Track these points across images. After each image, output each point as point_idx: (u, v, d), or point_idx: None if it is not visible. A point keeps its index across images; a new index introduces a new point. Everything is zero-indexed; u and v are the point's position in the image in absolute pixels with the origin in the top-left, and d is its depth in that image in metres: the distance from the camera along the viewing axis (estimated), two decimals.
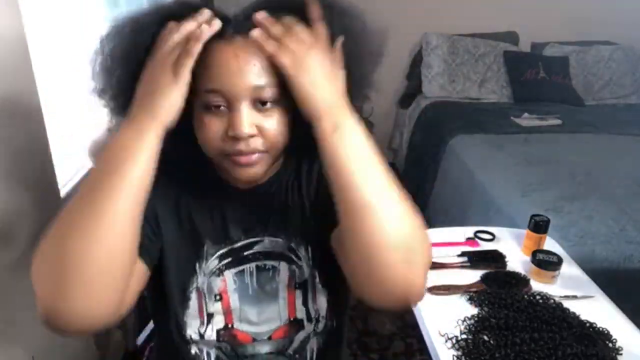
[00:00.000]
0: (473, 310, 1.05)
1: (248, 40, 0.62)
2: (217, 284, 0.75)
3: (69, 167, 1.41)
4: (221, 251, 0.75)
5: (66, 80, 1.32)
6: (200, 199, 0.76)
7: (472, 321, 1.01)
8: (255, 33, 0.61)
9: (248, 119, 0.63)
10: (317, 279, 0.78)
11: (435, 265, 1.19)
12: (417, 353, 1.93)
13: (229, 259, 0.76)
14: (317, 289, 0.78)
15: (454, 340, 0.96)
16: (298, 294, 0.77)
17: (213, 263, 0.75)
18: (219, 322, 0.76)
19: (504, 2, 3.24)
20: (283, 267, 0.77)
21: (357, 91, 0.72)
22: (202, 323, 0.75)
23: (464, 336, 0.97)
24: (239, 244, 0.76)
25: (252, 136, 0.64)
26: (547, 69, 3.08)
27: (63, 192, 1.29)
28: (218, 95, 0.63)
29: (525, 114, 2.82)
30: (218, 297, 0.75)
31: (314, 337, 0.80)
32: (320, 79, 0.60)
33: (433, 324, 1.02)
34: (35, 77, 0.96)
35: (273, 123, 0.65)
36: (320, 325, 0.79)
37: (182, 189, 0.75)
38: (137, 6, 1.57)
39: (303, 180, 0.79)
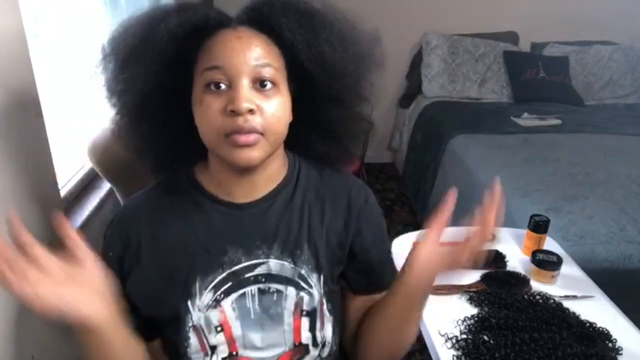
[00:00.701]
0: (473, 310, 1.05)
1: (251, 28, 0.67)
2: (215, 315, 0.72)
3: (69, 167, 1.41)
4: (217, 279, 0.72)
5: (66, 80, 1.32)
6: (185, 232, 0.73)
7: (472, 321, 1.01)
8: None
9: (247, 93, 0.64)
10: (325, 306, 0.77)
11: None
12: (417, 353, 1.92)
13: (229, 284, 0.72)
14: (325, 316, 0.77)
15: (454, 340, 0.96)
16: (304, 321, 0.75)
17: (207, 297, 0.72)
18: (223, 351, 0.73)
19: (504, 2, 3.24)
20: (291, 292, 0.74)
21: (353, 95, 0.75)
22: (206, 355, 0.73)
23: (464, 336, 0.97)
24: (239, 266, 0.73)
25: (251, 111, 0.64)
26: (547, 69, 3.08)
27: (63, 192, 1.30)
28: (219, 72, 0.64)
29: (525, 114, 2.82)
30: (219, 329, 0.72)
31: None
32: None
33: (433, 324, 1.02)
34: (35, 77, 0.95)
35: (272, 105, 0.66)
36: (326, 350, 0.78)
37: (159, 230, 0.73)
38: (137, 6, 1.57)
39: (327, 209, 0.77)
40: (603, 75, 3.19)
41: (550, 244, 1.31)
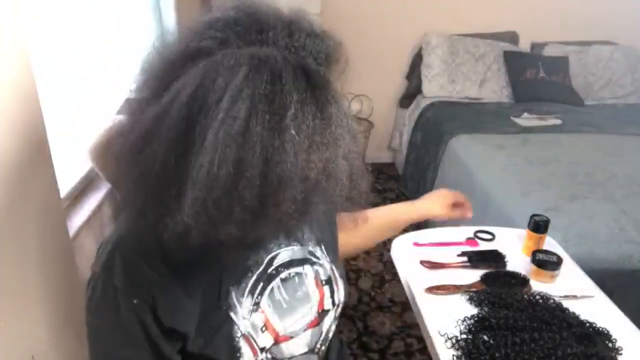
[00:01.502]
0: (473, 310, 1.05)
1: None
2: (259, 317, 0.73)
3: (69, 167, 1.41)
4: (250, 283, 0.73)
5: (66, 80, 1.33)
6: (207, 251, 0.68)
7: (472, 321, 1.01)
8: None
9: None
10: (336, 272, 0.84)
11: (435, 265, 1.19)
12: (417, 353, 1.93)
13: (261, 285, 0.74)
14: (337, 280, 0.84)
15: (453, 340, 0.96)
16: (326, 289, 0.82)
17: (247, 302, 0.72)
18: (268, 344, 0.75)
19: (504, 2, 3.24)
20: (308, 269, 0.80)
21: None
22: (256, 356, 0.74)
23: (463, 336, 0.97)
24: (263, 264, 0.75)
25: None
26: (547, 68, 3.08)
27: (63, 193, 1.30)
28: None
29: (525, 114, 2.82)
30: (264, 329, 0.73)
31: (334, 323, 0.86)
32: None
33: (433, 324, 1.02)
34: (35, 77, 0.96)
35: None
36: (339, 309, 0.85)
37: (183, 260, 0.66)
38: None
39: None
40: (603, 75, 3.19)
41: (550, 244, 1.31)
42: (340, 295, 0.84)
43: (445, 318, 1.03)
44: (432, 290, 1.11)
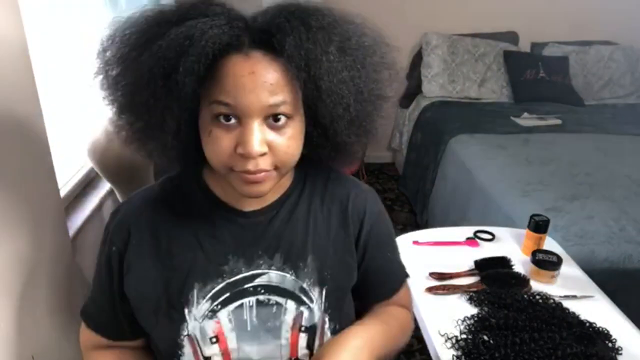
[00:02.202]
0: (473, 310, 1.05)
1: (265, 55, 0.60)
2: (211, 326, 0.70)
3: (69, 167, 1.41)
4: (215, 289, 0.70)
5: (66, 80, 1.33)
6: (187, 235, 0.71)
7: (472, 321, 1.01)
8: None
9: (259, 136, 0.60)
10: (327, 325, 0.74)
11: (444, 276, 1.17)
12: (417, 353, 1.92)
13: (226, 295, 0.70)
14: (324, 335, 0.74)
15: (453, 340, 0.96)
16: (302, 337, 0.72)
17: (204, 306, 0.69)
18: (216, 358, 0.71)
19: (504, 2, 3.24)
20: (290, 305, 0.71)
21: (372, 110, 0.73)
22: None
23: (463, 336, 0.97)
24: (238, 277, 0.70)
25: (262, 154, 0.61)
26: (547, 69, 3.08)
27: (63, 192, 1.30)
28: (229, 108, 0.59)
29: (525, 114, 2.82)
30: (214, 340, 0.70)
31: None
32: None
33: (433, 324, 1.02)
34: (35, 77, 0.96)
35: (284, 139, 0.62)
36: None
37: (161, 229, 0.71)
38: (137, 7, 1.57)
39: (333, 217, 0.75)
40: (603, 75, 3.19)
41: (550, 244, 1.31)
42: None
43: (445, 318, 1.03)
44: (432, 290, 1.11)
